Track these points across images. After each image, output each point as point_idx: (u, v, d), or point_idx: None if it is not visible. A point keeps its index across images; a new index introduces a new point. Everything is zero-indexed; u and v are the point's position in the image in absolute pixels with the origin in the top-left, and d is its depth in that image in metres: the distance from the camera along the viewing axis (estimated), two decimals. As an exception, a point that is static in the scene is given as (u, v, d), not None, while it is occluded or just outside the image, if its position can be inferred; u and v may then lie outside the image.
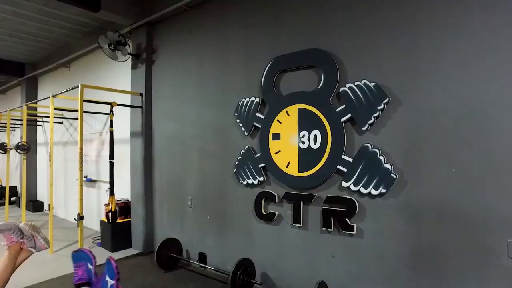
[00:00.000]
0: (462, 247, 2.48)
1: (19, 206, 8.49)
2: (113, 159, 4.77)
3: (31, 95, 8.55)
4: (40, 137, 8.65)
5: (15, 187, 9.30)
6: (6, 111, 6.76)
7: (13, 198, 9.06)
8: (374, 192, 2.85)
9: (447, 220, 2.55)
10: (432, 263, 2.62)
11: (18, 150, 6.85)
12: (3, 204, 8.44)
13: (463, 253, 2.48)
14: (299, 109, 3.31)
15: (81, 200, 4.35)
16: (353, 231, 2.98)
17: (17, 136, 9.12)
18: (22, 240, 2.63)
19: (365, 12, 2.96)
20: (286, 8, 3.49)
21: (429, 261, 2.63)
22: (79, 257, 1.99)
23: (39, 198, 8.56)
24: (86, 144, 6.04)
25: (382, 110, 2.82)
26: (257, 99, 3.65)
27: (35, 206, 8.21)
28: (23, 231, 2.62)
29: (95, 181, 6.35)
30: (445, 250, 2.56)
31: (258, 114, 3.64)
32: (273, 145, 3.50)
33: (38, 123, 8.35)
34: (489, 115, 2.38)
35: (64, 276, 4.10)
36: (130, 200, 5.21)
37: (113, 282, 2.03)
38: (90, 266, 1.97)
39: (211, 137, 4.21)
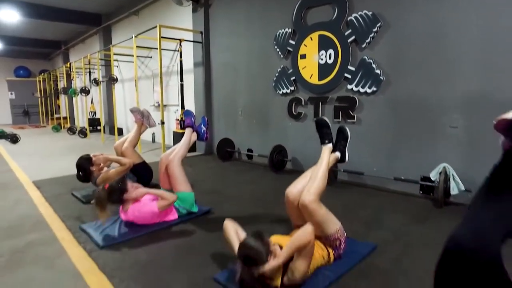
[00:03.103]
0: (424, 123, 3.73)
1: (105, 133, 10.69)
2: (183, 82, 6.39)
3: (107, 41, 10.33)
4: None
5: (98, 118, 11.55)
6: (95, 53, 8.56)
7: (99, 127, 11.32)
8: (368, 91, 4.13)
9: (415, 107, 3.78)
10: (405, 136, 3.91)
11: (112, 82, 8.63)
12: (95, 130, 10.73)
13: (424, 127, 3.74)
14: (319, 35, 4.55)
15: (162, 111, 6.06)
16: (354, 120, 4.32)
17: (93, 77, 11.13)
18: (142, 119, 4.37)
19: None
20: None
21: (403, 136, 3.93)
22: (187, 113, 3.57)
23: (118, 125, 10.67)
24: (156, 77, 7.70)
25: (376, 32, 3.99)
26: (290, 30, 4.93)
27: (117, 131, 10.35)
28: (143, 113, 4.36)
29: (164, 105, 8.10)
30: (413, 126, 3.83)
31: (290, 41, 4.93)
32: (301, 63, 4.83)
33: (114, 63, 10.17)
34: (447, 35, 3.47)
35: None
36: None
37: (204, 128, 3.62)
38: (192, 118, 3.56)
39: (256, 61, 5.61)
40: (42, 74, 14.99)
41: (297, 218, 2.23)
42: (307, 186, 2.17)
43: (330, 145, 2.49)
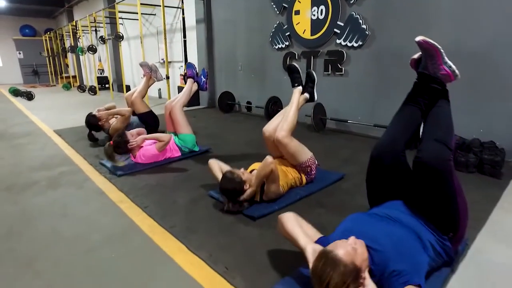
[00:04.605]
0: (402, 75, 4.06)
1: (113, 90, 11.14)
2: (186, 38, 6.71)
3: (111, -2, 10.45)
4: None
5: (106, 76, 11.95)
6: (100, 11, 8.77)
7: (107, 85, 11.76)
8: (355, 45, 4.45)
9: (396, 59, 4.11)
10: (387, 88, 4.28)
11: (118, 39, 8.91)
12: (103, 88, 11.17)
13: (402, 78, 4.07)
14: (312, -9, 4.80)
15: (167, 67, 6.44)
16: (342, 72, 4.69)
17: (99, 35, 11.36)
18: (150, 73, 4.78)
19: None
20: None
21: (385, 87, 4.30)
22: (189, 65, 3.98)
23: (126, 83, 11.09)
24: (160, 34, 7.96)
25: (364, -13, 4.24)
26: (285, -14, 5.16)
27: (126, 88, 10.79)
28: (151, 67, 4.76)
29: (169, 62, 8.44)
30: (393, 78, 4.19)
31: (285, -3, 5.19)
32: (295, 19, 5.11)
33: (119, 21, 10.36)
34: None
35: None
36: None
37: (204, 79, 4.03)
38: (194, 70, 3.97)
39: (254, 17, 5.89)
40: (48, 33, 15.18)
41: (274, 151, 2.70)
42: (280, 124, 2.59)
43: (300, 87, 2.87)
